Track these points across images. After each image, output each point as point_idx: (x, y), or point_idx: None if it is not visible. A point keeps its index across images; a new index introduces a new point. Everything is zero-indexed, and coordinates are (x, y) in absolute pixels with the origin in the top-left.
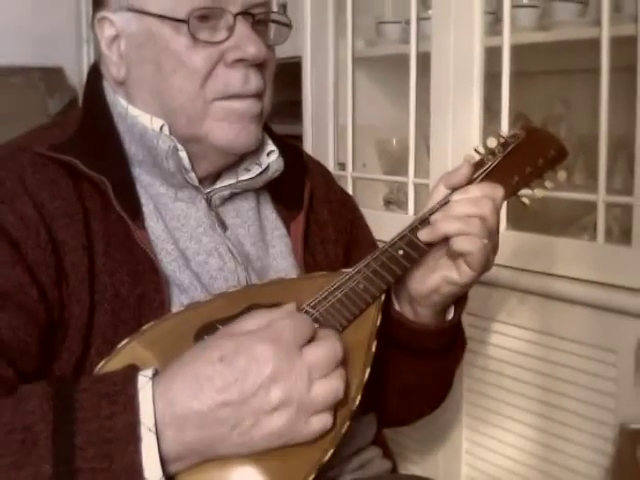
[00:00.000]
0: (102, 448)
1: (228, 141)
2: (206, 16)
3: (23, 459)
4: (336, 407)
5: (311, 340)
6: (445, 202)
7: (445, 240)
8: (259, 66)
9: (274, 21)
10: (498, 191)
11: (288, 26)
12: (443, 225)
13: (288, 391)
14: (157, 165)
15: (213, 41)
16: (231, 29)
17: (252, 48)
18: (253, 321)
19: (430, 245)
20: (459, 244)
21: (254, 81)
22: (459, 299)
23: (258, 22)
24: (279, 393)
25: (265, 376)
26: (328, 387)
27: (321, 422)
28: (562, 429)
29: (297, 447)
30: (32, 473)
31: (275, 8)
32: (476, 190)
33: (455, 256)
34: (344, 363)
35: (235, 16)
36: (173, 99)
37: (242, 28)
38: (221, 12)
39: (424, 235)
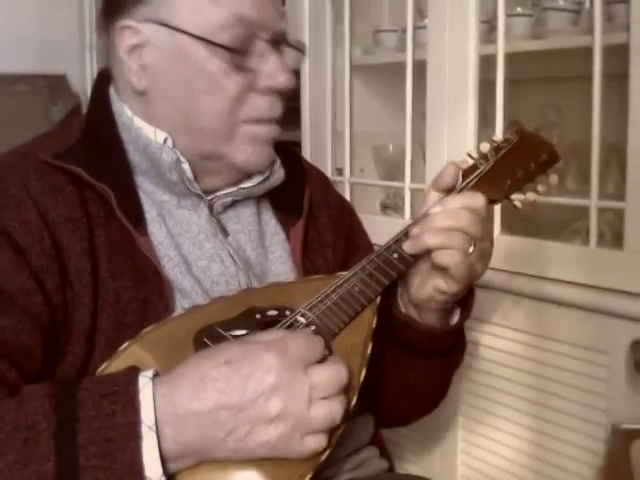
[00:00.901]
0: (104, 446)
1: (247, 162)
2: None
3: (26, 457)
4: (332, 429)
5: (320, 362)
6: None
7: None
8: (280, 92)
9: (293, 47)
10: (477, 200)
11: (303, 52)
12: (424, 238)
13: (287, 404)
14: (160, 175)
15: (247, 68)
16: (264, 56)
17: (283, 78)
18: (267, 335)
19: None
20: (439, 258)
21: (278, 108)
22: (465, 304)
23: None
24: (278, 404)
25: (267, 384)
26: (327, 409)
27: (315, 442)
28: (555, 429)
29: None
30: (35, 471)
31: None
32: (454, 201)
33: (438, 268)
34: (347, 390)
35: (267, 43)
36: (201, 118)
37: (274, 57)
38: (254, 39)
39: (408, 247)
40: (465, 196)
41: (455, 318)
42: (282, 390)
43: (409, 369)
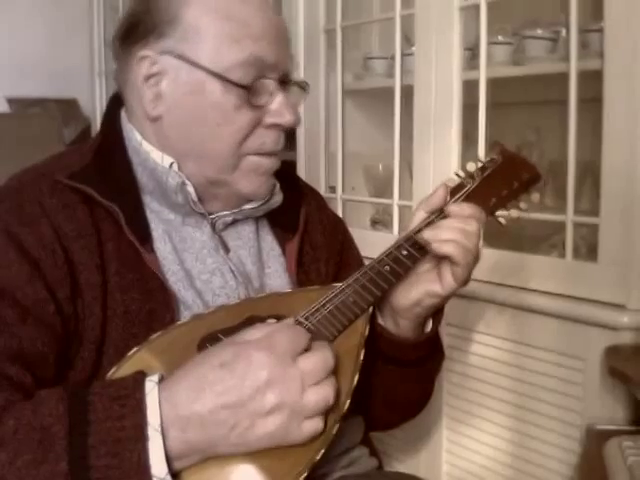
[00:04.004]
0: (113, 447)
1: (251, 191)
2: (254, 81)
3: (41, 457)
4: (327, 411)
5: (306, 350)
6: (430, 221)
7: (429, 258)
8: (285, 128)
9: (298, 85)
10: (482, 213)
11: (306, 91)
12: (445, 230)
13: (282, 396)
14: (166, 196)
15: (258, 105)
16: (272, 95)
17: (289, 117)
18: (253, 332)
19: (415, 261)
20: (455, 252)
21: (282, 142)
22: (436, 314)
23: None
24: (274, 397)
25: (261, 381)
26: (320, 394)
27: (312, 426)
28: (534, 430)
29: (291, 447)
30: (50, 470)
31: None
32: (469, 209)
33: (442, 267)
34: (335, 372)
35: (276, 83)
36: (212, 148)
37: (281, 96)
38: (265, 78)
39: (426, 234)
40: (476, 207)
41: (428, 327)
42: (276, 383)
43: (388, 378)
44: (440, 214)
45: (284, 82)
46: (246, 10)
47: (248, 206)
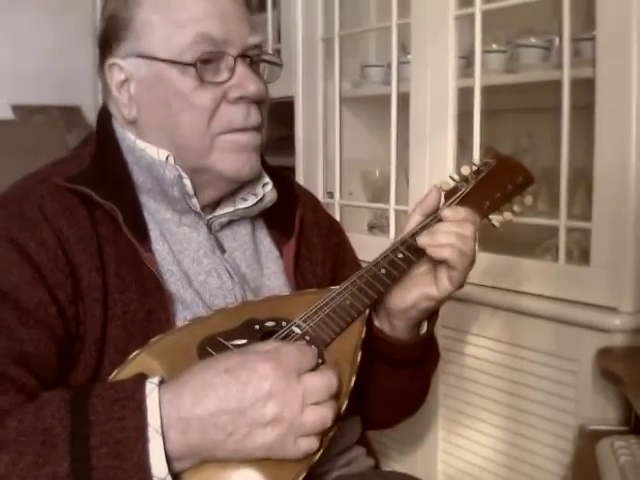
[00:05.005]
0: (114, 448)
1: (234, 170)
2: (209, 59)
3: (44, 458)
4: (323, 432)
5: (312, 370)
6: (425, 225)
7: (424, 261)
8: (257, 102)
9: (267, 61)
10: (477, 217)
11: (279, 65)
12: (441, 235)
13: (282, 409)
14: (163, 192)
15: (217, 82)
16: (232, 70)
17: (252, 87)
18: (264, 345)
19: (410, 264)
20: (452, 256)
21: (254, 116)
22: (431, 316)
23: (254, 62)
24: (274, 408)
25: (263, 391)
26: (319, 414)
27: (308, 444)
28: (528, 430)
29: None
30: (52, 471)
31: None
32: (464, 212)
33: (438, 271)
34: (337, 396)
35: (235, 58)
36: (182, 135)
37: (242, 69)
38: (222, 55)
39: (423, 240)
40: (470, 211)
41: (424, 328)
42: (277, 396)
43: (384, 378)
44: (435, 217)
45: (248, 57)
46: None
47: (242, 205)
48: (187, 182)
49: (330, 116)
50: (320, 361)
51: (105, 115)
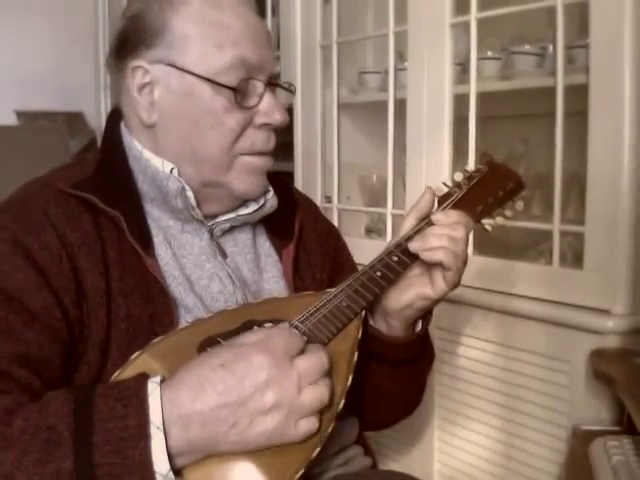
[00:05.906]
0: (117, 445)
1: (245, 190)
2: (242, 83)
3: (48, 456)
4: (322, 411)
5: (301, 352)
6: (419, 229)
7: (419, 263)
8: (275, 128)
9: (285, 88)
10: (469, 219)
11: (292, 92)
12: (433, 238)
13: (280, 395)
14: (166, 202)
15: (247, 106)
16: (261, 96)
17: (279, 116)
18: (252, 336)
19: (405, 267)
20: (446, 258)
21: (273, 142)
22: (426, 315)
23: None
24: (272, 396)
25: (260, 381)
26: (315, 393)
27: (308, 425)
28: (522, 430)
29: (288, 446)
30: (56, 468)
31: None
32: (455, 215)
33: (433, 272)
34: (330, 373)
35: (264, 84)
36: (204, 150)
37: (269, 96)
38: (252, 80)
39: (414, 245)
40: (463, 214)
41: (418, 327)
42: (274, 383)
43: (381, 377)
44: (428, 221)
45: (271, 84)
46: (226, 15)
47: (244, 212)
48: (190, 194)
49: (328, 122)
50: (306, 339)
51: (115, 120)
